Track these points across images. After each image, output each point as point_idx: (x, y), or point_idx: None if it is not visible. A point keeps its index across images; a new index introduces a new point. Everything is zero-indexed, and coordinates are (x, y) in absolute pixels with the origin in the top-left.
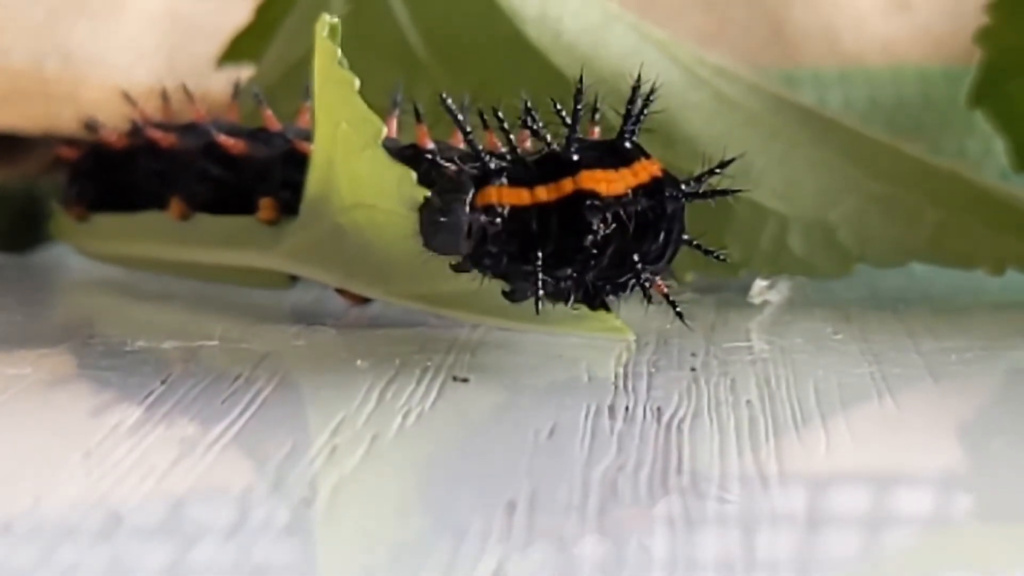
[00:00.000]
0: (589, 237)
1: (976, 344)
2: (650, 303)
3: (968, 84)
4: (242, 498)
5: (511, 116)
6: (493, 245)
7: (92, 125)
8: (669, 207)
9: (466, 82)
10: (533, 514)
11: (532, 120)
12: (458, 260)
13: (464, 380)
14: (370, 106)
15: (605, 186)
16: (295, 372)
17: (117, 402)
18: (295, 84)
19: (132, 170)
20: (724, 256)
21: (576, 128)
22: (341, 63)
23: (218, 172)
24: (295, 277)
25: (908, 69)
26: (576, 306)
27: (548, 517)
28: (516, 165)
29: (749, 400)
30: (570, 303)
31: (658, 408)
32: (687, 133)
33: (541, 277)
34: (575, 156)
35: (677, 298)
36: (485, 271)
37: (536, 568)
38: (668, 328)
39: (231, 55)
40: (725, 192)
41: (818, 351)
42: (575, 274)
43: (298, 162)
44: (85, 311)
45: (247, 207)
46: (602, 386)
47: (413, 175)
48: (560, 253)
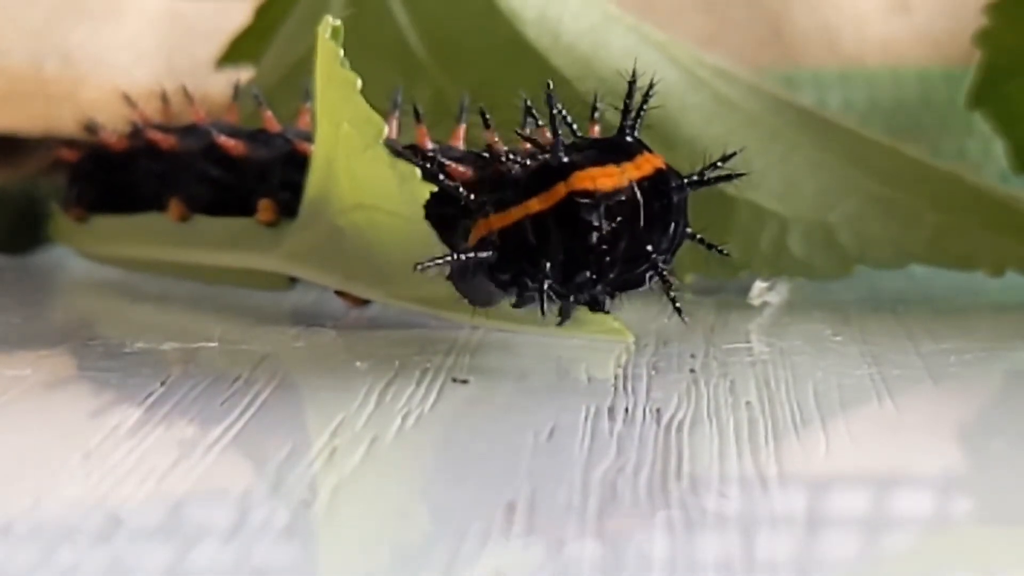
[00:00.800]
0: (593, 235)
1: (976, 346)
2: (670, 294)
3: (968, 85)
4: (242, 499)
5: (511, 116)
6: (500, 272)
7: (92, 127)
8: (675, 196)
9: (465, 83)
10: (532, 515)
11: (533, 120)
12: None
13: (464, 382)
14: (372, 107)
15: (599, 182)
16: (295, 374)
17: (117, 403)
18: (295, 85)
19: (132, 172)
20: (726, 251)
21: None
22: (343, 64)
23: (218, 173)
24: (294, 279)
25: (908, 70)
26: (576, 308)
27: (548, 518)
28: (507, 183)
29: (749, 402)
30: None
31: (657, 410)
32: (687, 134)
33: (547, 287)
34: (565, 159)
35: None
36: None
37: (535, 569)
38: (667, 330)
39: (231, 56)
40: (729, 177)
41: (818, 353)
42: (594, 276)
43: (298, 164)
44: (84, 313)
45: (246, 209)
46: (601, 388)
47: (417, 171)
48: (571, 259)
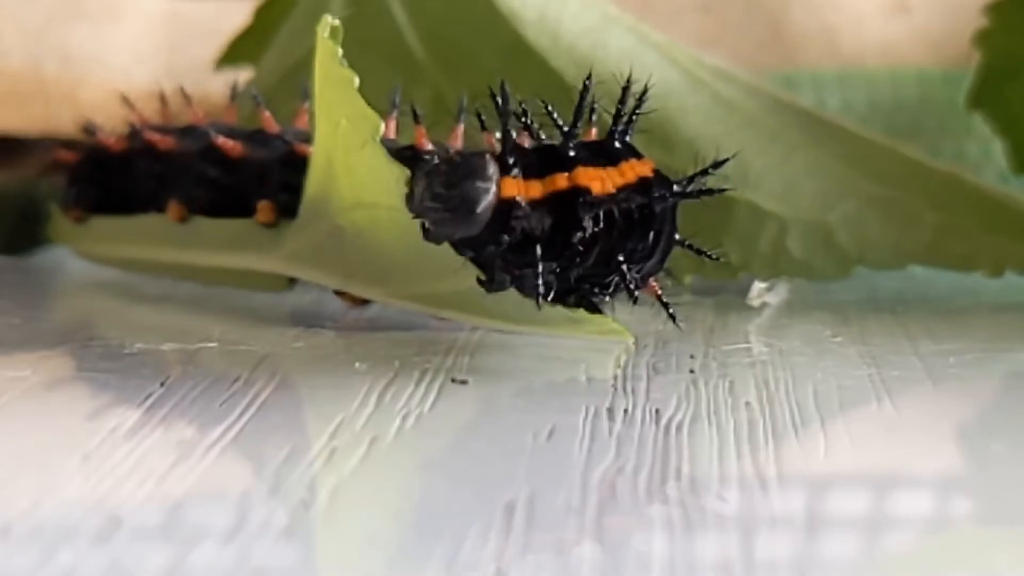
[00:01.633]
0: (578, 234)
1: (975, 346)
2: (635, 304)
3: (967, 86)
4: (241, 500)
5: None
6: (508, 235)
7: (90, 128)
8: (656, 207)
9: (464, 84)
10: (532, 516)
11: (528, 121)
12: (437, 235)
13: (463, 382)
14: (369, 104)
15: (599, 184)
16: (294, 374)
17: (116, 404)
18: (294, 86)
19: (130, 173)
20: (717, 256)
21: (573, 126)
22: (341, 62)
23: (216, 174)
24: (294, 279)
25: (907, 71)
26: (575, 309)
27: (547, 519)
28: (526, 158)
29: (748, 402)
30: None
31: (657, 410)
32: (686, 135)
33: (522, 272)
34: (572, 152)
35: (675, 300)
36: (466, 256)
37: (535, 570)
38: (667, 331)
39: (230, 57)
40: (714, 191)
41: (817, 353)
42: (559, 270)
43: (297, 164)
44: (84, 313)
45: (245, 210)
46: (601, 388)
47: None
48: (548, 248)
